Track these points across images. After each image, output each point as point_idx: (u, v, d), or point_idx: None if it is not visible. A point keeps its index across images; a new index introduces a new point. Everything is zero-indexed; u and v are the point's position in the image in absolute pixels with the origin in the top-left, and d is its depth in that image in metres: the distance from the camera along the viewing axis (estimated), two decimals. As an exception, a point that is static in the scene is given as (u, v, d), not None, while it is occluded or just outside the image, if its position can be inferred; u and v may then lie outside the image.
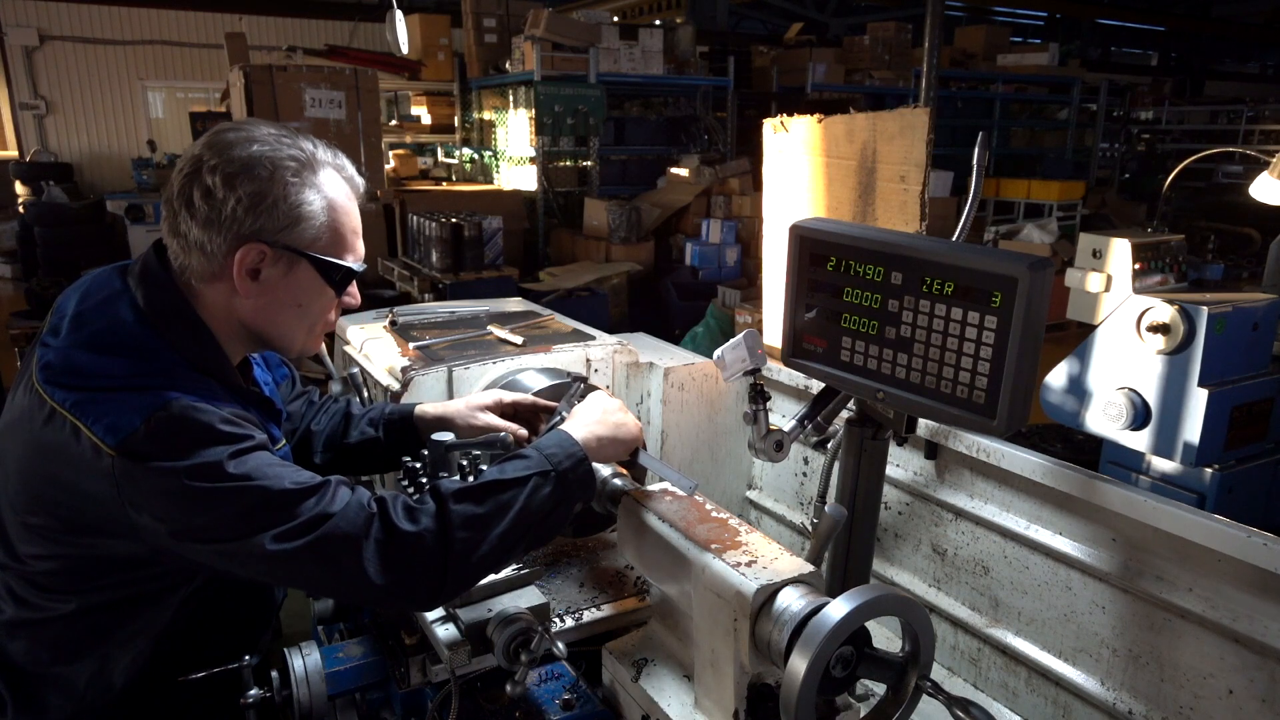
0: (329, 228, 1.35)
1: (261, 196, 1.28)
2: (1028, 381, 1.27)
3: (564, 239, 8.92)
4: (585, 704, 1.56)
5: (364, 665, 1.65)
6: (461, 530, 1.26)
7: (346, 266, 1.39)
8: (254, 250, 1.29)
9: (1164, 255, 3.36)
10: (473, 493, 1.30)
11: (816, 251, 1.49)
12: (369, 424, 1.81)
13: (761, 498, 2.53)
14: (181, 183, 1.29)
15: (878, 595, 1.14)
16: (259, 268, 1.32)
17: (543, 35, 8.56)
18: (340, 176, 1.38)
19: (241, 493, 1.20)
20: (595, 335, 2.29)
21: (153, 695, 1.47)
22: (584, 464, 1.41)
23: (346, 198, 1.39)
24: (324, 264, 1.36)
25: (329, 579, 1.26)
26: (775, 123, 2.36)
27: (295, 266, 1.34)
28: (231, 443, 1.23)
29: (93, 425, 1.19)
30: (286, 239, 1.31)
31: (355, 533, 1.22)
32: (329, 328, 1.48)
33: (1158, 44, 21.73)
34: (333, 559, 1.22)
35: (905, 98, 10.69)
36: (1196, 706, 1.49)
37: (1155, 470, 3.27)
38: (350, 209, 1.39)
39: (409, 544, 1.24)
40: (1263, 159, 3.65)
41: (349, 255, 1.40)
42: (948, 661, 1.97)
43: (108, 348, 1.27)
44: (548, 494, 1.35)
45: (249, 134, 1.30)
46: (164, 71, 13.35)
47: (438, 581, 1.26)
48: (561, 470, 1.38)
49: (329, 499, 1.24)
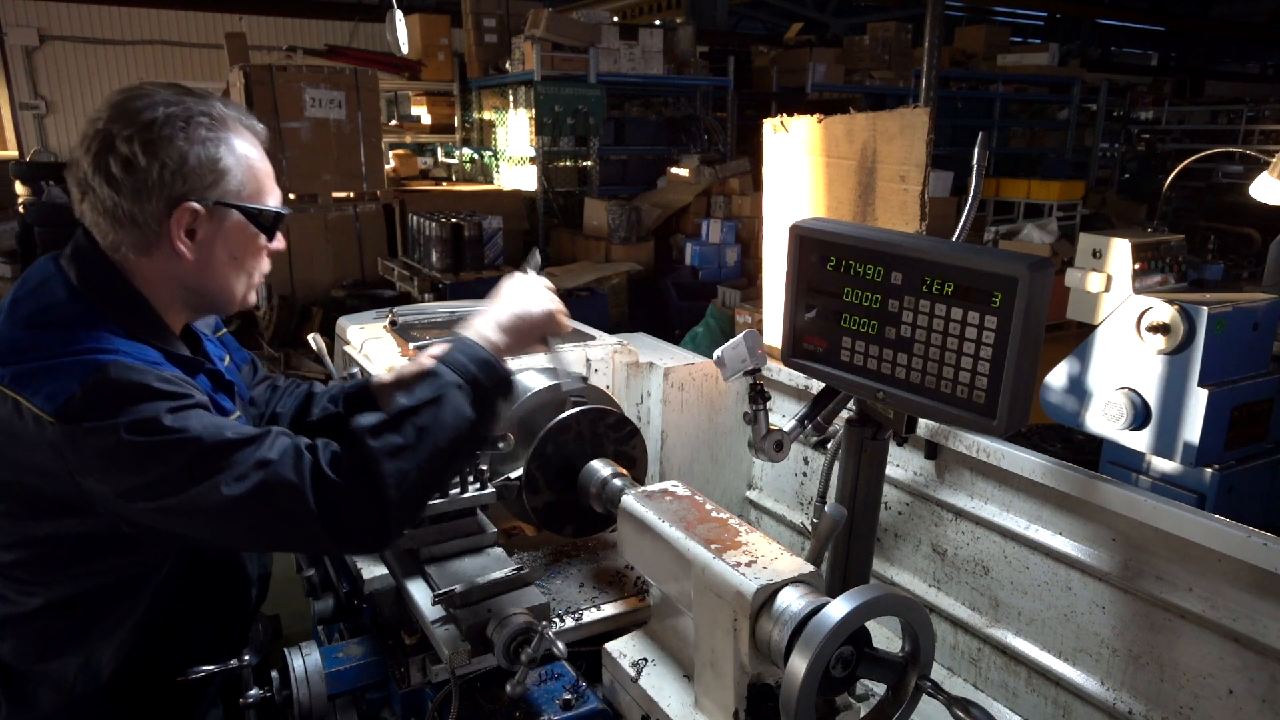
0: (249, 175, 1.37)
1: (185, 157, 1.29)
2: (1028, 381, 1.27)
3: (564, 239, 8.91)
4: (585, 704, 1.56)
5: (364, 665, 1.65)
6: (389, 463, 1.25)
7: (274, 210, 1.41)
8: (187, 211, 1.31)
9: (1164, 255, 3.36)
10: (390, 424, 1.29)
11: (816, 251, 1.49)
12: (330, 400, 1.84)
13: (761, 498, 2.53)
14: (93, 160, 1.28)
15: (878, 595, 1.14)
16: (194, 227, 1.33)
17: (543, 35, 8.56)
18: (244, 124, 1.40)
19: (181, 445, 1.20)
20: (595, 335, 2.29)
21: (145, 689, 1.47)
22: (492, 367, 1.40)
23: (255, 143, 1.41)
24: (252, 211, 1.38)
25: (277, 529, 1.26)
26: (775, 123, 2.36)
27: (226, 219, 1.36)
28: (169, 399, 1.23)
29: (32, 397, 1.20)
30: (215, 194, 1.33)
31: (296, 480, 1.22)
32: (263, 276, 1.50)
33: (1158, 44, 21.73)
34: (279, 508, 1.22)
35: (905, 98, 10.68)
36: (1196, 706, 1.49)
37: (1155, 470, 3.27)
38: (260, 153, 1.42)
39: (342, 489, 1.23)
40: (1263, 159, 3.65)
41: (270, 199, 1.42)
42: (948, 661, 1.97)
43: (43, 324, 1.28)
44: (465, 404, 1.34)
45: (151, 98, 1.30)
46: (164, 71, 13.33)
47: (379, 519, 1.26)
48: (472, 378, 1.37)
49: (268, 446, 1.24)
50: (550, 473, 1.78)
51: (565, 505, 1.82)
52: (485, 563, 1.63)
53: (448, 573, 1.59)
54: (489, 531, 1.69)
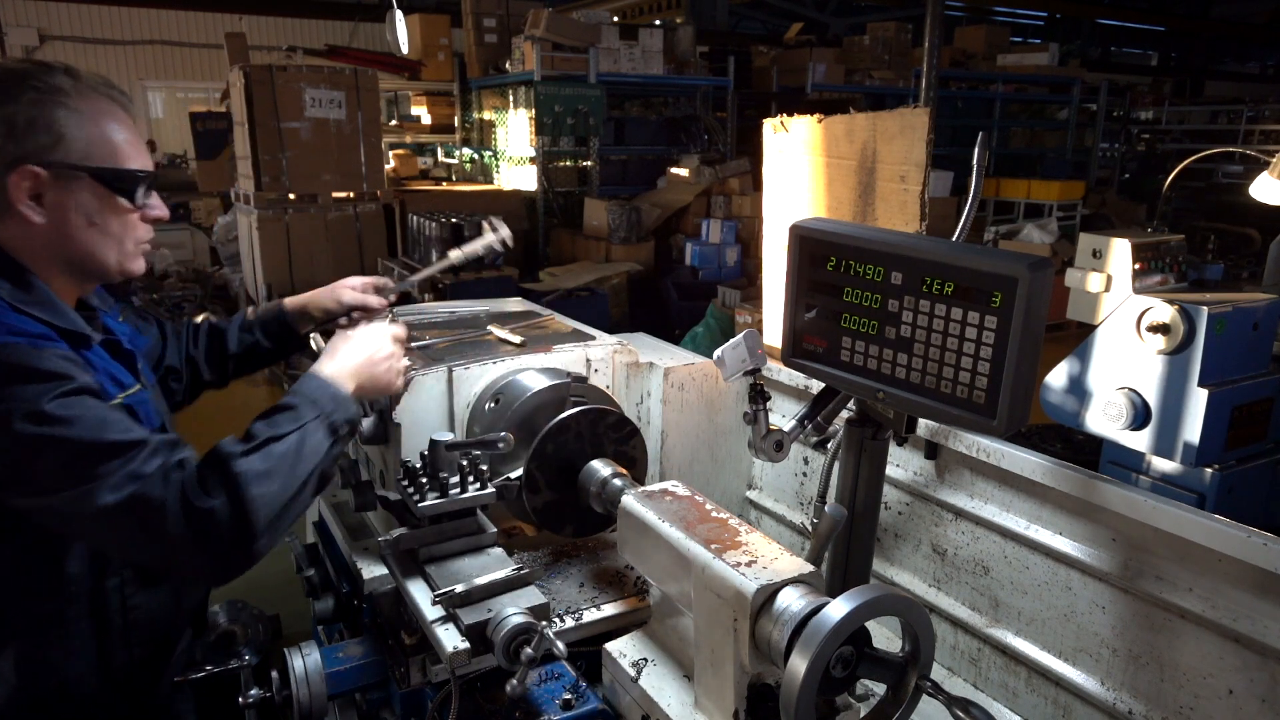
0: (99, 139, 1.34)
1: (14, 118, 1.27)
2: (1028, 381, 1.27)
3: (564, 239, 8.92)
4: (585, 704, 1.56)
5: (364, 665, 1.65)
6: (255, 487, 1.26)
7: (129, 171, 1.37)
8: (26, 174, 1.28)
9: (1164, 255, 3.36)
10: (256, 451, 1.29)
11: (816, 251, 1.49)
12: (244, 330, 1.90)
13: (761, 498, 2.53)
14: None
15: (878, 595, 1.14)
16: (40, 191, 1.31)
17: (543, 35, 8.56)
18: (98, 91, 1.37)
19: (60, 443, 1.19)
20: (595, 335, 2.29)
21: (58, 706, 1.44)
22: (347, 405, 1.45)
23: (113, 108, 1.37)
24: (105, 174, 1.35)
25: (145, 544, 1.25)
26: (775, 123, 2.36)
27: (75, 183, 1.33)
28: (52, 381, 1.21)
29: None
30: (56, 156, 1.30)
31: (165, 498, 1.21)
32: (145, 243, 1.47)
33: (1158, 44, 21.74)
34: (147, 524, 1.21)
35: (905, 98, 10.68)
36: (1196, 706, 1.49)
37: (1155, 470, 3.27)
38: (115, 112, 1.38)
39: (210, 511, 1.23)
40: (1263, 159, 3.65)
41: (130, 162, 1.38)
42: (948, 661, 1.97)
43: None
44: (323, 438, 1.38)
45: None
46: (164, 71, 13.35)
47: (246, 542, 1.25)
48: (329, 414, 1.40)
49: (143, 460, 1.22)
50: (550, 473, 1.78)
51: (565, 505, 1.82)
52: (485, 563, 1.63)
53: (448, 573, 1.59)
54: (489, 531, 1.69)
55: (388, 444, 1.97)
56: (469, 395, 2.00)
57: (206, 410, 2.04)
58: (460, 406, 1.99)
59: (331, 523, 2.29)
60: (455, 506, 1.62)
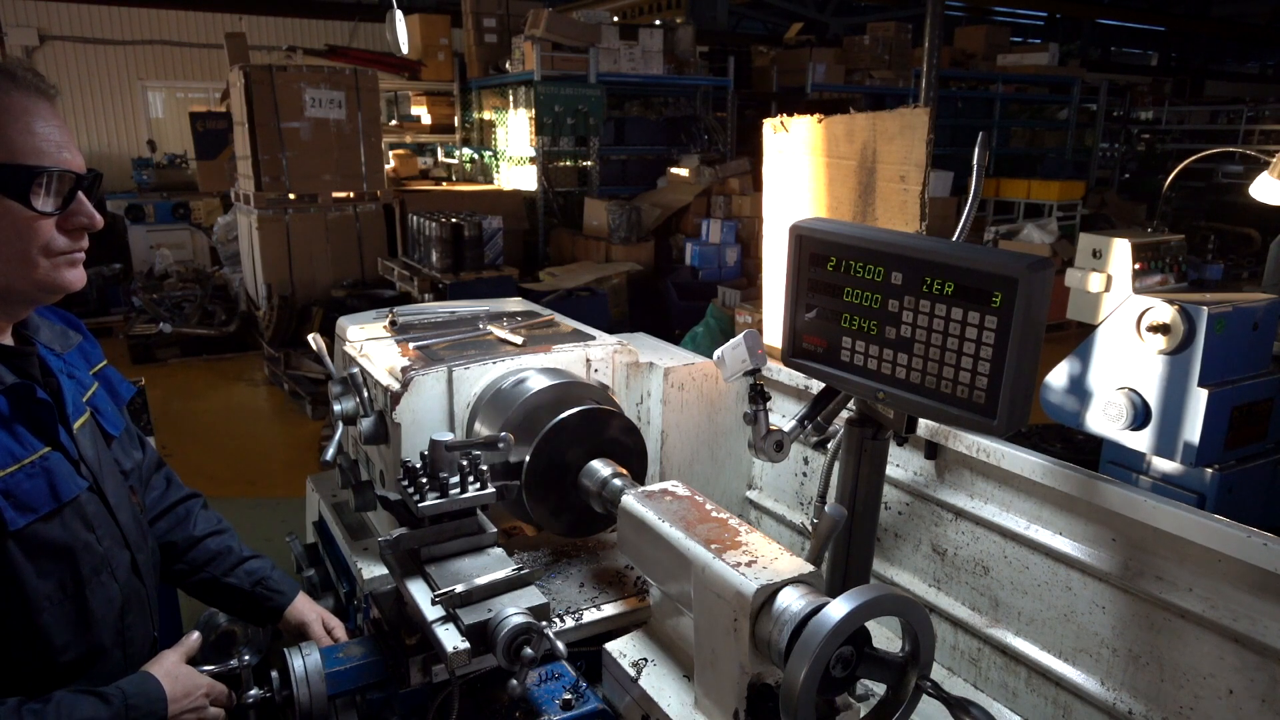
0: None
1: None
2: (1028, 381, 1.27)
3: (564, 239, 8.92)
4: (585, 704, 1.56)
5: (364, 665, 1.65)
6: None
7: (18, 165, 1.15)
8: None
9: (1164, 255, 3.36)
10: None
11: (816, 251, 1.50)
12: (246, 574, 1.76)
13: (761, 498, 2.53)
14: None
15: (878, 595, 1.14)
16: None
17: (543, 35, 8.56)
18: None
19: None
20: (595, 335, 2.29)
21: None
22: None
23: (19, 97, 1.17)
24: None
25: None
26: (775, 123, 2.36)
27: None
28: None
29: None
30: None
31: None
32: (72, 252, 1.27)
33: (1158, 44, 21.74)
34: None
35: (905, 98, 10.69)
36: (1196, 706, 1.49)
37: (1155, 470, 3.27)
38: (10, 105, 1.16)
39: None
40: (1263, 159, 3.65)
41: (28, 158, 1.16)
42: (948, 661, 1.97)
43: None
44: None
45: None
46: (164, 71, 13.34)
47: None
48: None
49: None
50: (550, 473, 1.78)
51: (565, 505, 1.82)
52: (485, 563, 1.62)
53: (448, 573, 1.59)
54: (489, 531, 1.69)
55: (388, 444, 1.97)
56: (469, 395, 2.00)
57: (207, 410, 2.03)
58: (460, 406, 1.99)
59: (331, 523, 2.29)
60: (455, 506, 1.62)
